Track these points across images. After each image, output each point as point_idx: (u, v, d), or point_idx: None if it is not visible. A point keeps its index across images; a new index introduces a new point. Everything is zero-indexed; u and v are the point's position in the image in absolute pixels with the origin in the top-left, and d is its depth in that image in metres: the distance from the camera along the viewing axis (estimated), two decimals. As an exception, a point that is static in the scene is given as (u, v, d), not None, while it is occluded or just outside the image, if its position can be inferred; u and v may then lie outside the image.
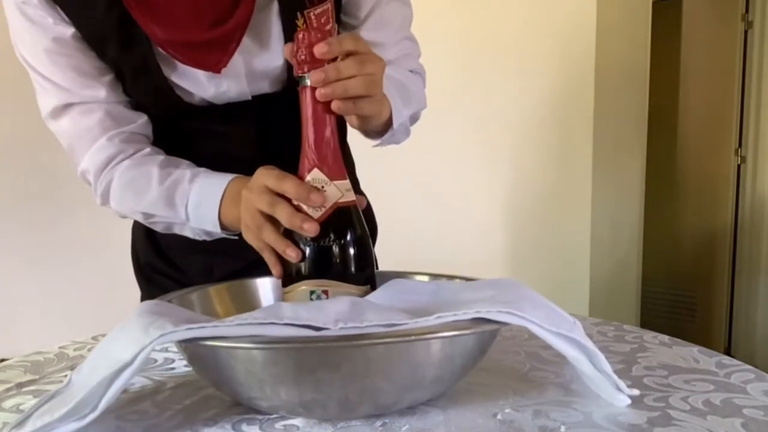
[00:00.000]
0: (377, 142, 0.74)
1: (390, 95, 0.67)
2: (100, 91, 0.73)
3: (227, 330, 0.42)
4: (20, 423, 0.43)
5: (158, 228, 0.77)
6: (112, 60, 0.72)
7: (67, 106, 0.73)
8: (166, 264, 0.90)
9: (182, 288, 0.66)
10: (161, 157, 0.76)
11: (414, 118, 0.82)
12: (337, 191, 0.56)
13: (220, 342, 0.42)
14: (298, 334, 0.42)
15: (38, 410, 0.44)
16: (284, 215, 0.55)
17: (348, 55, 0.55)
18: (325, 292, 0.56)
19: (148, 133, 0.78)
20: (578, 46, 2.10)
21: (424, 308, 0.47)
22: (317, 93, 0.54)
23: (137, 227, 0.94)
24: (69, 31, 0.70)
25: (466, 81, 2.24)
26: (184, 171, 0.73)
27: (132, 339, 0.42)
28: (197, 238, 0.75)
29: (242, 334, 0.42)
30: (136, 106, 0.77)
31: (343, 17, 0.79)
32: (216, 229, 0.70)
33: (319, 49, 0.53)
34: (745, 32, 2.82)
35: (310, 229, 0.54)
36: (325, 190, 0.55)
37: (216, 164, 0.74)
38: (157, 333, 0.41)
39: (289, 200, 0.56)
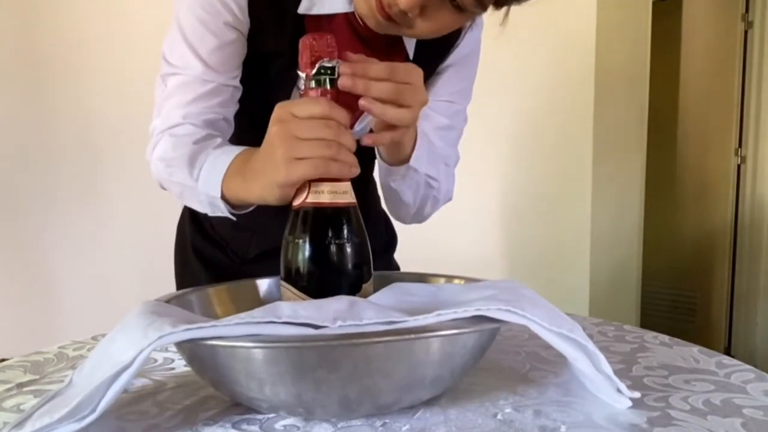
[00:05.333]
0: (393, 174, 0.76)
1: (420, 142, 0.73)
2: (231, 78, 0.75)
3: (225, 330, 0.42)
4: (20, 423, 0.43)
5: (173, 190, 0.75)
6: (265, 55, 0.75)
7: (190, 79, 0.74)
8: (210, 242, 0.93)
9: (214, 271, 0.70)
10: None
11: (425, 200, 0.85)
12: (304, 191, 0.55)
13: (219, 342, 0.42)
14: (297, 332, 0.42)
15: (38, 410, 0.44)
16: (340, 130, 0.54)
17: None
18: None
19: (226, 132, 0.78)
20: (578, 47, 2.10)
21: (423, 308, 0.47)
22: (340, 82, 0.55)
23: (184, 215, 0.98)
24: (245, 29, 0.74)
25: (466, 81, 2.24)
26: (218, 139, 0.72)
27: (131, 340, 0.42)
28: (202, 209, 0.72)
29: (241, 334, 0.42)
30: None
31: None
32: (216, 193, 0.67)
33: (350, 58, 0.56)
34: (745, 32, 2.82)
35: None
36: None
37: None
38: (156, 335, 0.41)
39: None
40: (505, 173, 2.30)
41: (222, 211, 0.69)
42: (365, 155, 0.65)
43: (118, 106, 2.60)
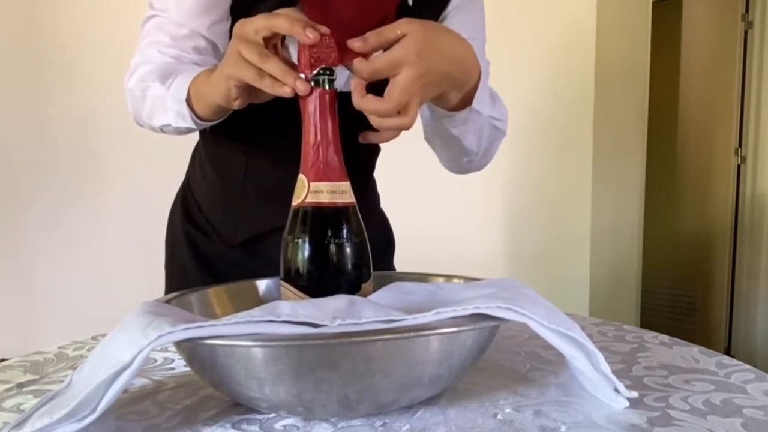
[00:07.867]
0: (449, 117, 0.72)
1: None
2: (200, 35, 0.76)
3: (225, 329, 0.42)
4: (20, 423, 0.43)
5: (144, 110, 0.76)
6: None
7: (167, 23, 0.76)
8: (198, 229, 0.92)
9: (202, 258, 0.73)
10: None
11: (492, 143, 0.83)
12: (303, 191, 0.55)
13: (218, 341, 0.42)
14: (296, 331, 0.42)
15: (38, 411, 0.44)
16: (275, 68, 0.54)
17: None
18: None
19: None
20: (578, 47, 2.10)
21: (423, 307, 0.47)
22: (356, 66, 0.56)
23: (176, 204, 0.97)
24: None
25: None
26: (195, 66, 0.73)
27: (130, 340, 0.42)
28: (165, 121, 0.73)
29: (240, 333, 0.42)
30: None
31: None
32: (183, 95, 0.69)
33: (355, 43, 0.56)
34: (745, 32, 2.82)
35: (304, 89, 0.54)
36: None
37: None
38: (155, 334, 0.41)
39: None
40: (505, 173, 2.30)
41: (185, 118, 0.70)
42: (363, 151, 0.64)
43: (116, 105, 2.60)
